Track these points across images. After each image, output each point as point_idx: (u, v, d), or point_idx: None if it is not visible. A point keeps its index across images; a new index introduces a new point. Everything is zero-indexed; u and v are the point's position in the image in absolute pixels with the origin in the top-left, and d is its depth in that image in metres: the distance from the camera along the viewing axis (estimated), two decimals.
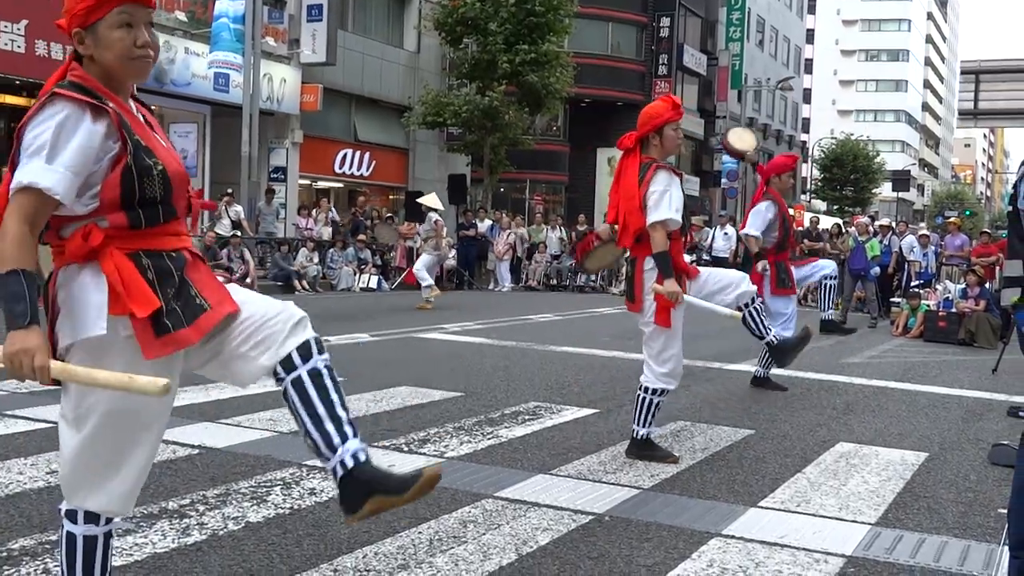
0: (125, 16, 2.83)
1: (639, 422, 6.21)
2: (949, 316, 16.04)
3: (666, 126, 6.13)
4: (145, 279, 2.82)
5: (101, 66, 2.86)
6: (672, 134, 6.17)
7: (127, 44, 2.84)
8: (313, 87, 28.46)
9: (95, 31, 2.82)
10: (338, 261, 23.60)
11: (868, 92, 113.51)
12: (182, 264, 2.93)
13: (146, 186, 2.82)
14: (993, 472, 6.39)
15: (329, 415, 3.02)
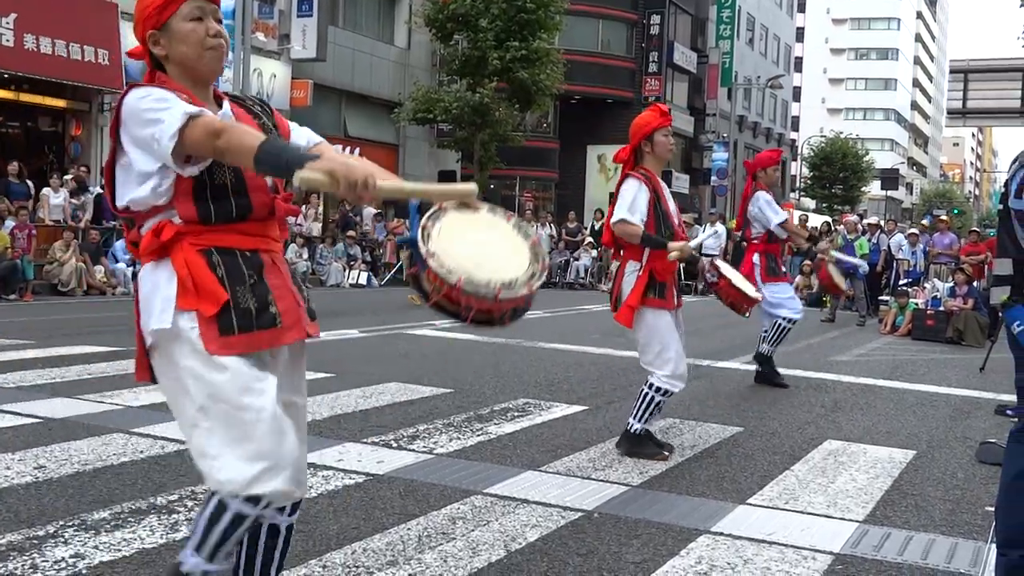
0: (195, 9, 2.88)
1: (636, 416, 6.21)
2: (937, 314, 16.08)
3: (655, 132, 6.24)
4: (215, 275, 2.81)
5: (179, 64, 2.91)
6: (663, 139, 6.26)
7: (200, 35, 2.88)
8: (303, 83, 28.43)
9: (168, 28, 2.88)
10: (327, 257, 23.58)
11: (857, 91, 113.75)
12: (258, 265, 2.91)
13: (216, 174, 2.80)
14: (980, 470, 6.40)
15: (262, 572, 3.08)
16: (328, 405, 7.36)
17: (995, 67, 56.18)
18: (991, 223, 63.44)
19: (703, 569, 4.19)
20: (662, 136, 6.25)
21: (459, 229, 2.93)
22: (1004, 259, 3.84)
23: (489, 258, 2.89)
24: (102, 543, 4.11)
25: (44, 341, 10.35)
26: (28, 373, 7.78)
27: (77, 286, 17.41)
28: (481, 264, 2.84)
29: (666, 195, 6.30)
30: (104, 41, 22.22)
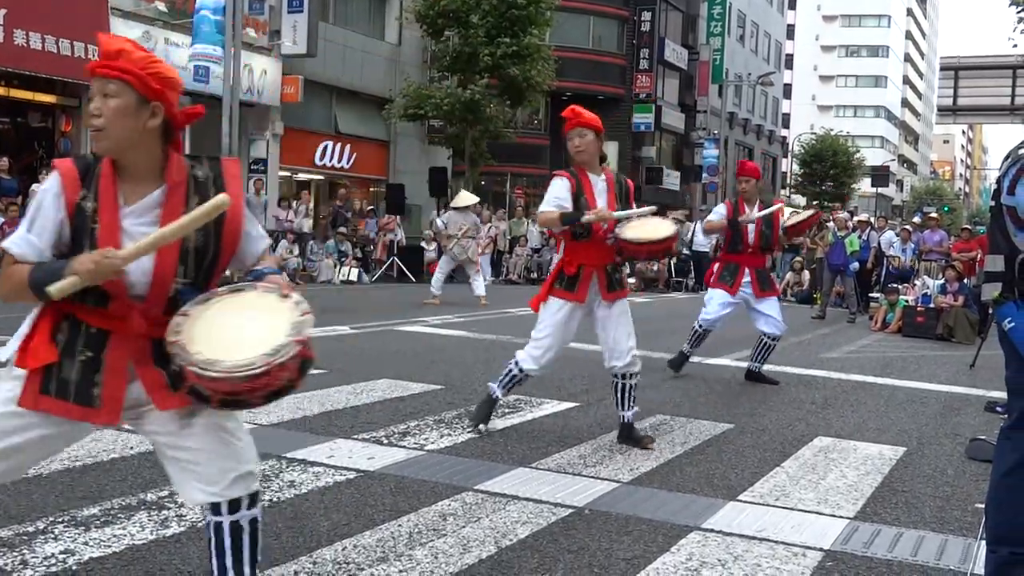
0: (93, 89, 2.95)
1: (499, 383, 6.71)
2: (927, 311, 16.13)
3: (567, 136, 6.53)
4: (52, 339, 2.98)
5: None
6: (569, 143, 6.50)
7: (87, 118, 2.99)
8: (294, 79, 28.35)
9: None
10: (318, 253, 23.55)
11: (848, 88, 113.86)
12: (99, 345, 2.99)
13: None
14: (970, 467, 6.42)
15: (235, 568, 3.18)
16: (319, 401, 7.35)
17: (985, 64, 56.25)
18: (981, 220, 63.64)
19: (693, 566, 4.19)
20: (569, 139, 6.49)
21: (223, 313, 2.96)
22: (995, 256, 3.84)
23: (241, 336, 2.88)
24: (92, 539, 4.10)
25: None
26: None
27: None
28: (224, 346, 2.84)
29: (595, 189, 6.40)
30: (94, 36, 22.13)
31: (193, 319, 2.90)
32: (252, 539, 3.20)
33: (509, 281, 26.68)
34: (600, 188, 6.43)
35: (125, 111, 2.93)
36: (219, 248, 3.06)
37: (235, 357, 2.79)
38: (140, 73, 2.95)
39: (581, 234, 6.34)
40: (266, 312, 2.96)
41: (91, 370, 2.98)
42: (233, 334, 2.89)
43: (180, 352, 2.82)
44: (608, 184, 6.48)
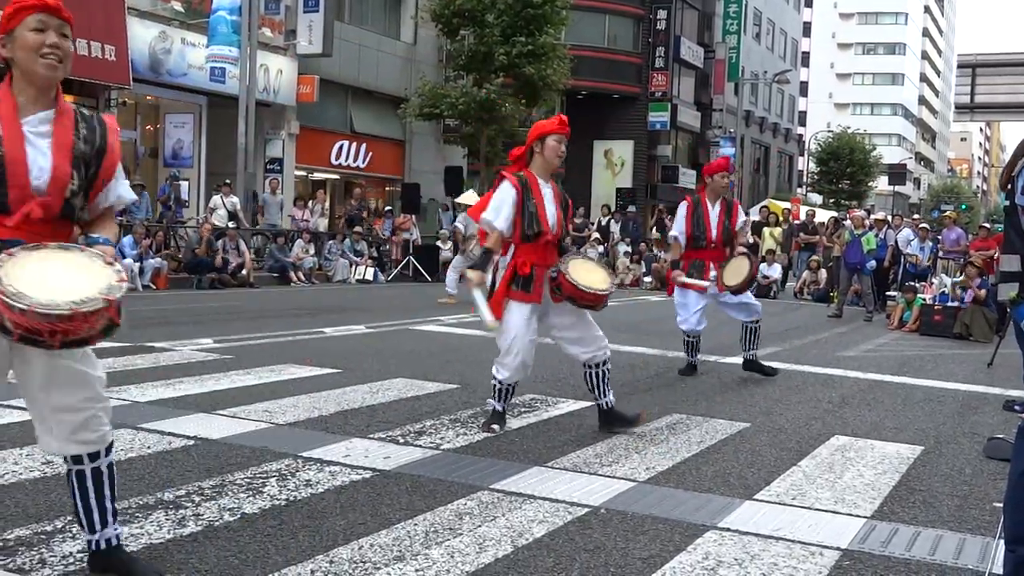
0: (38, 22, 3.41)
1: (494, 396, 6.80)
2: (945, 310, 16.06)
3: (549, 136, 6.62)
4: None
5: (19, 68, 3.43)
6: (554, 144, 6.64)
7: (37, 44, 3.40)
8: (309, 78, 28.43)
9: (12, 35, 3.42)
10: (334, 253, 23.60)
11: (865, 85, 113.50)
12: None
13: None
14: (988, 466, 6.39)
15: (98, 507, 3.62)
16: (335, 401, 7.37)
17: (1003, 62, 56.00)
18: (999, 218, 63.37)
19: (710, 565, 4.19)
20: (554, 141, 6.61)
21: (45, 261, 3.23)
22: (1011, 255, 3.83)
23: (52, 284, 3.14)
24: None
25: None
26: None
27: None
28: (36, 287, 3.09)
29: (544, 196, 6.57)
30: (111, 37, 22.23)
31: (16, 260, 3.14)
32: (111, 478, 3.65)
33: None
34: (549, 196, 6.63)
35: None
36: (99, 167, 3.54)
37: (43, 297, 3.05)
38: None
39: (531, 236, 6.53)
40: (86, 270, 3.27)
41: None
42: (49, 280, 3.14)
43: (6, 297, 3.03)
44: (554, 193, 6.70)
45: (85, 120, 3.55)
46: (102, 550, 3.64)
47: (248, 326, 12.14)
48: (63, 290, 3.13)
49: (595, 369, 6.78)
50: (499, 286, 6.58)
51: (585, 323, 6.73)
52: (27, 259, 3.17)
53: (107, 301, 3.19)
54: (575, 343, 6.74)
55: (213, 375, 8.26)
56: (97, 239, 3.51)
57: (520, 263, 6.52)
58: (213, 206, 22.52)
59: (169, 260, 19.90)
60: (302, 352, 9.92)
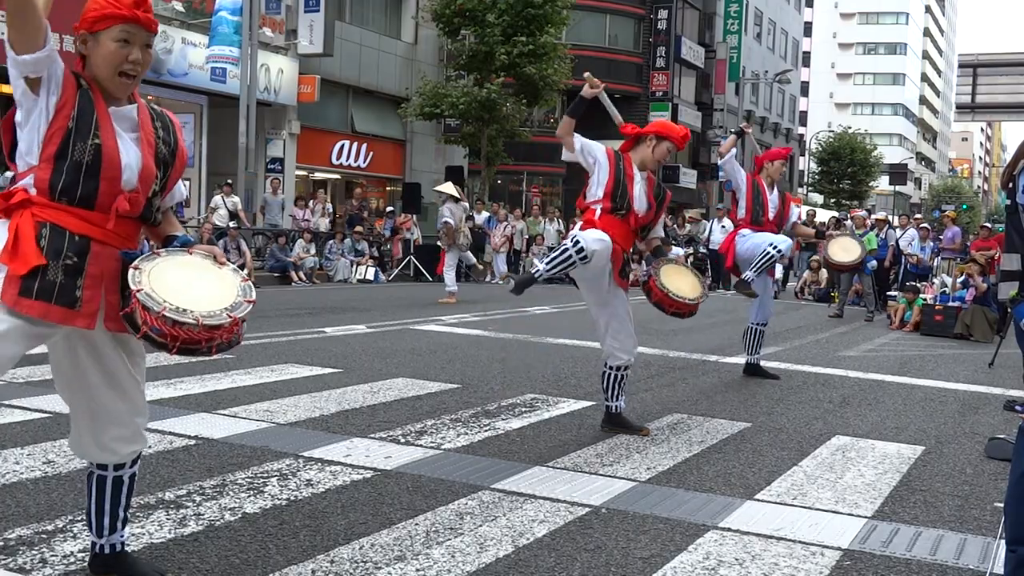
0: (124, 32, 3.26)
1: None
2: (946, 310, 16.06)
3: (666, 140, 6.67)
4: (37, 245, 3.13)
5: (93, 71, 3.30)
6: (665, 151, 6.72)
7: (119, 58, 3.27)
8: (310, 78, 28.42)
9: (97, 38, 3.28)
10: (335, 252, 23.59)
11: (865, 85, 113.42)
12: (83, 250, 3.20)
13: (77, 149, 3.16)
14: (989, 466, 6.40)
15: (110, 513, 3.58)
16: (336, 400, 7.37)
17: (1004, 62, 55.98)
18: (1000, 218, 63.34)
19: (711, 565, 4.19)
20: (667, 147, 6.69)
21: (186, 267, 3.34)
22: (1012, 255, 3.82)
23: (196, 293, 3.23)
24: None
25: None
26: (37, 368, 7.79)
27: None
28: (187, 298, 3.17)
29: (636, 180, 6.64)
30: None
31: (146, 272, 3.18)
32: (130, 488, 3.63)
33: None
34: (640, 181, 6.64)
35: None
36: (173, 167, 3.47)
37: (200, 308, 3.13)
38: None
39: (619, 210, 6.50)
40: (211, 273, 3.35)
41: (74, 274, 3.17)
42: (194, 290, 3.23)
43: (148, 299, 3.10)
44: (648, 182, 6.70)
45: (160, 118, 3.49)
46: (106, 554, 3.62)
47: (248, 326, 12.09)
48: (210, 298, 3.23)
49: (616, 372, 6.76)
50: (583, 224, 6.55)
51: (629, 324, 6.72)
52: (155, 270, 3.22)
53: (249, 303, 3.31)
54: (612, 333, 6.69)
55: (214, 375, 8.26)
56: (188, 239, 3.49)
57: (602, 229, 6.42)
58: (214, 206, 22.51)
59: None
60: (303, 352, 9.92)
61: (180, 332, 3.11)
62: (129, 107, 3.36)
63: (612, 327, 6.67)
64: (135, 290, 3.11)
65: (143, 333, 3.15)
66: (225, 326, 3.19)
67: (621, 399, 6.84)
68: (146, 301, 3.10)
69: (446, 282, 17.39)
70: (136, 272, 3.17)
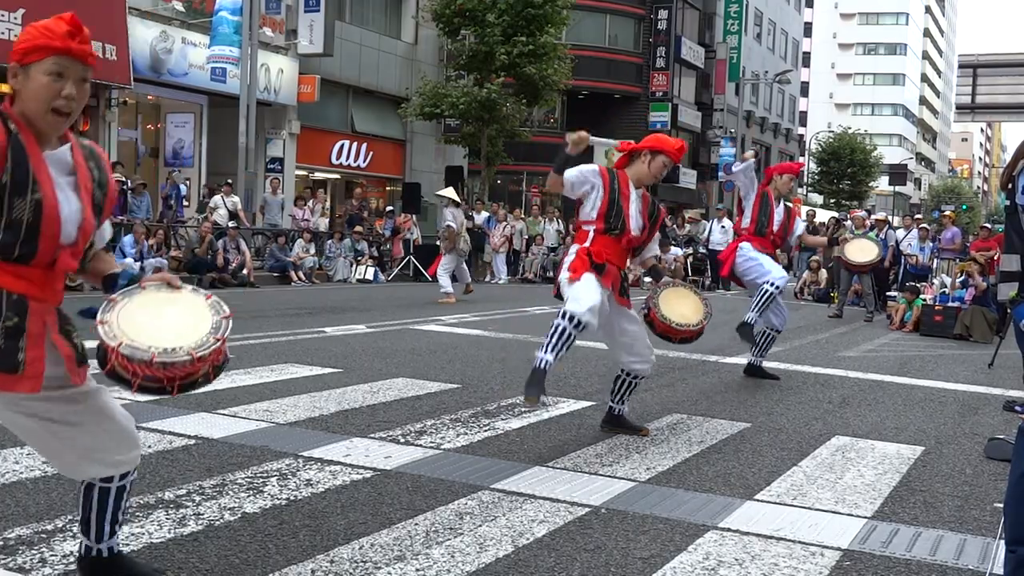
0: (57, 66, 2.99)
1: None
2: (945, 310, 16.06)
3: (663, 155, 6.51)
4: None
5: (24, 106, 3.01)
6: (661, 165, 6.54)
7: (51, 93, 2.98)
8: (310, 78, 28.43)
9: (27, 71, 3.00)
10: (335, 252, 23.59)
11: (865, 86, 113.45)
12: (23, 310, 3.00)
13: (15, 207, 2.91)
14: (989, 466, 6.39)
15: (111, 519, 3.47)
16: (335, 400, 7.37)
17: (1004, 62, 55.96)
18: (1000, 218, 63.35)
19: (711, 565, 4.19)
20: (664, 161, 6.51)
21: (150, 304, 3.17)
22: (1011, 255, 3.82)
23: (166, 330, 3.09)
24: None
25: None
26: None
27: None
28: (152, 333, 3.05)
29: (630, 198, 6.48)
30: (112, 36, 22.22)
31: (114, 324, 3.05)
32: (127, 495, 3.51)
33: (525, 280, 26.69)
34: (635, 200, 6.52)
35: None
36: (103, 208, 3.24)
37: (162, 344, 3.02)
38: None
39: (612, 231, 6.40)
40: (175, 302, 3.24)
41: (14, 336, 2.99)
42: (165, 326, 3.11)
43: (133, 351, 2.99)
44: (643, 200, 6.60)
45: (92, 156, 3.23)
46: (104, 558, 3.54)
47: (248, 325, 12.13)
48: (191, 328, 3.13)
49: (630, 378, 6.75)
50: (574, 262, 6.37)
51: (642, 335, 6.66)
52: (127, 316, 3.10)
53: (218, 340, 3.16)
54: (626, 348, 6.63)
55: None
56: (128, 273, 3.33)
57: (596, 251, 6.35)
58: (214, 205, 22.52)
59: (170, 260, 19.90)
60: (302, 352, 9.92)
61: (176, 372, 3.04)
62: (63, 149, 3.11)
63: (624, 344, 6.60)
64: (114, 347, 2.99)
65: (137, 385, 3.05)
66: (216, 349, 3.13)
67: (627, 403, 6.84)
68: (132, 354, 2.99)
69: (441, 284, 17.39)
70: (105, 327, 3.03)
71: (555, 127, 44.98)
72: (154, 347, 3.01)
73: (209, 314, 3.22)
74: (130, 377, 3.03)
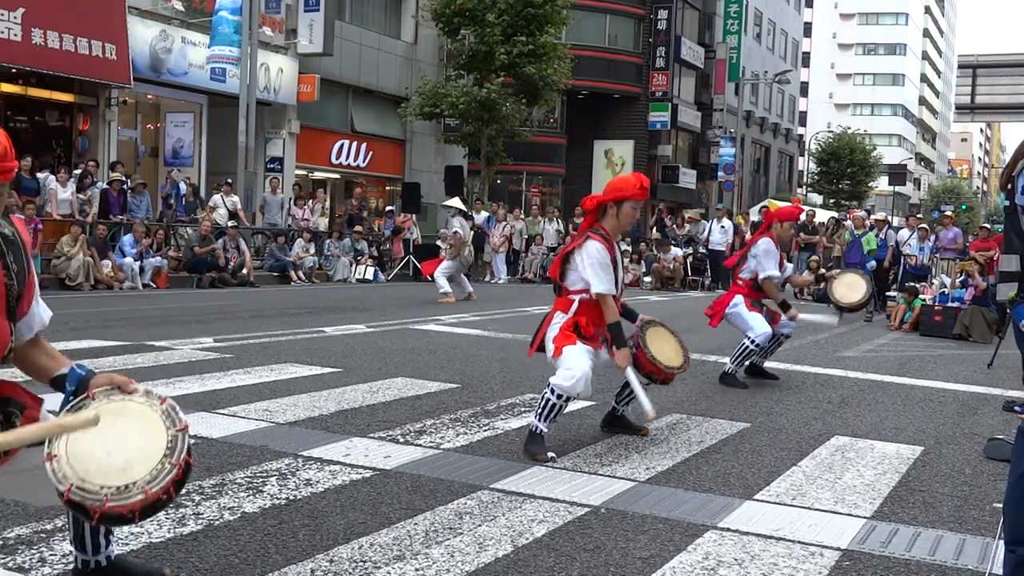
0: None
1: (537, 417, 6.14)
2: (945, 310, 16.06)
3: (626, 202, 6.26)
4: None
5: None
6: (630, 211, 6.30)
7: None
8: (310, 77, 28.43)
9: None
10: (334, 252, 23.59)
11: (865, 86, 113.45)
12: None
13: None
14: (988, 466, 6.39)
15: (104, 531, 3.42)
16: (335, 400, 7.37)
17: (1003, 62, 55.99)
18: (999, 218, 63.35)
19: (710, 565, 4.19)
20: (630, 208, 6.28)
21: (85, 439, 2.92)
22: (1011, 255, 3.83)
23: (116, 458, 2.91)
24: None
25: (52, 335, 10.31)
26: None
27: (84, 280, 17.43)
28: (102, 466, 2.87)
29: (618, 259, 6.33)
30: (111, 35, 22.24)
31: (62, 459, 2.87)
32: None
33: (525, 280, 26.69)
34: (619, 256, 6.40)
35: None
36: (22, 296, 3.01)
37: (138, 473, 2.86)
38: None
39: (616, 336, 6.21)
40: (127, 417, 2.99)
41: None
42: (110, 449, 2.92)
43: (83, 495, 2.84)
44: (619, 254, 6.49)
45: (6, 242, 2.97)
46: (102, 567, 3.49)
47: (248, 325, 12.13)
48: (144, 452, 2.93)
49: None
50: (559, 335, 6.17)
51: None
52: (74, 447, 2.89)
53: (182, 430, 2.99)
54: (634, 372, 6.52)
55: (213, 374, 8.26)
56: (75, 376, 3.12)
57: (584, 323, 6.17)
58: (213, 205, 22.52)
59: (170, 259, 19.91)
60: (302, 351, 9.92)
61: (134, 505, 2.87)
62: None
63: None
64: (64, 491, 2.83)
65: (97, 518, 2.90)
66: (175, 472, 2.92)
67: (630, 405, 6.80)
68: (83, 499, 2.84)
69: (438, 285, 17.40)
70: (53, 464, 2.86)
71: (555, 127, 45.00)
72: (106, 489, 2.83)
73: (163, 429, 2.97)
74: (89, 512, 2.89)
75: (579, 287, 6.21)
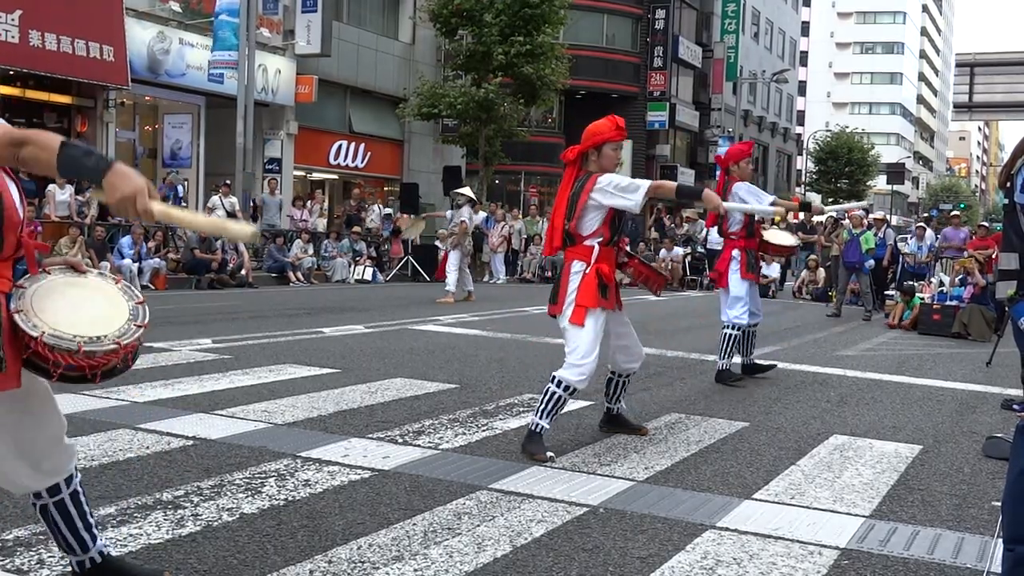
0: None
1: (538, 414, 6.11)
2: (943, 309, 16.06)
3: (605, 144, 6.24)
4: None
5: None
6: (611, 153, 6.28)
7: None
8: (308, 78, 28.42)
9: None
10: (333, 252, 23.59)
11: (863, 85, 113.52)
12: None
13: None
14: (987, 465, 6.39)
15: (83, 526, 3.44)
16: (334, 400, 7.37)
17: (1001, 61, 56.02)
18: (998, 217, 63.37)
19: (709, 564, 4.19)
20: (611, 150, 6.26)
21: (59, 289, 3.07)
22: (1009, 254, 3.83)
23: (83, 316, 3.01)
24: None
25: None
26: None
27: None
28: (71, 320, 2.96)
29: None
30: (109, 37, 22.23)
31: (31, 312, 2.96)
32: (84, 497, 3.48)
33: (523, 280, 26.68)
34: None
35: None
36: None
37: (85, 333, 2.94)
38: None
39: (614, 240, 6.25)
40: (84, 287, 3.15)
41: None
42: (82, 311, 3.03)
43: (57, 340, 2.90)
44: None
45: None
46: (97, 564, 3.49)
47: (247, 326, 12.13)
48: (108, 314, 3.05)
49: (623, 378, 6.74)
50: (582, 291, 6.09)
51: (633, 333, 6.60)
52: (41, 303, 2.98)
53: (139, 327, 3.07)
54: (622, 351, 6.59)
55: (212, 375, 8.26)
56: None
57: (606, 273, 6.15)
58: (212, 206, 22.52)
59: (168, 261, 19.91)
60: (301, 352, 9.92)
61: (99, 360, 2.94)
62: None
63: (621, 347, 6.57)
64: (36, 336, 2.88)
65: (58, 375, 2.95)
66: (138, 336, 3.05)
67: (622, 401, 6.85)
68: (56, 343, 2.89)
69: (448, 282, 17.42)
70: (22, 316, 2.92)
71: (553, 127, 44.99)
72: (79, 336, 2.92)
73: (123, 300, 3.14)
74: (50, 367, 2.93)
75: (595, 227, 6.16)
